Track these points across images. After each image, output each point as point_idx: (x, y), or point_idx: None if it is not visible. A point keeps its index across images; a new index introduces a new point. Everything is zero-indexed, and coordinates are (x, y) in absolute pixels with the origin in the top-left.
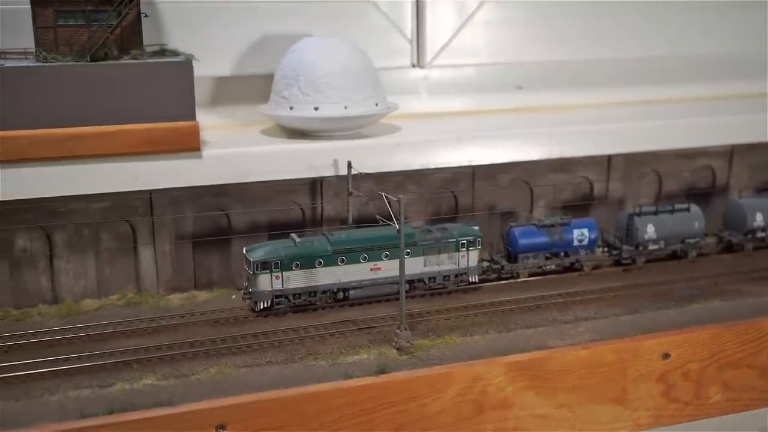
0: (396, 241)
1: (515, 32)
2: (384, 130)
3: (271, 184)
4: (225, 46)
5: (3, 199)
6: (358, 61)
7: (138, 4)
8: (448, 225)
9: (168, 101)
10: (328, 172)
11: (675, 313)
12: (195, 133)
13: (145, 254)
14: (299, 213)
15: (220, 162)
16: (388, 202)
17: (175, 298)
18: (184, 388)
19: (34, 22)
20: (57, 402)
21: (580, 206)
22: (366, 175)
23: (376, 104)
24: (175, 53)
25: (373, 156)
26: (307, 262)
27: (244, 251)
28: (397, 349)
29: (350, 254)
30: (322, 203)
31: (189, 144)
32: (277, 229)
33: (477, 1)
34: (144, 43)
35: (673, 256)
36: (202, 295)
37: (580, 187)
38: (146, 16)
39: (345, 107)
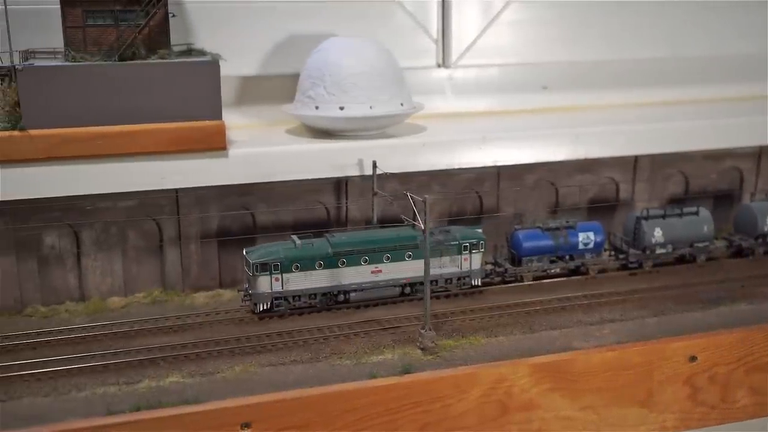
0: (397, 244)
1: (541, 32)
2: (409, 130)
3: (296, 183)
4: (251, 46)
5: (31, 197)
6: (384, 61)
7: (166, 4)
8: (451, 227)
9: (195, 101)
10: (353, 172)
11: (701, 315)
12: (221, 132)
13: (171, 253)
14: (324, 212)
15: (246, 161)
16: (414, 202)
17: (201, 297)
18: (209, 386)
19: (64, 21)
20: (84, 398)
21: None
22: (391, 175)
23: (402, 104)
24: (202, 53)
25: (398, 156)
26: (307, 263)
27: (244, 252)
28: (422, 349)
29: (351, 256)
30: (347, 203)
31: (215, 143)
32: (302, 229)
33: (503, 1)
34: (171, 43)
35: (682, 260)
36: (227, 294)
37: (605, 188)
38: (174, 15)
39: (370, 107)
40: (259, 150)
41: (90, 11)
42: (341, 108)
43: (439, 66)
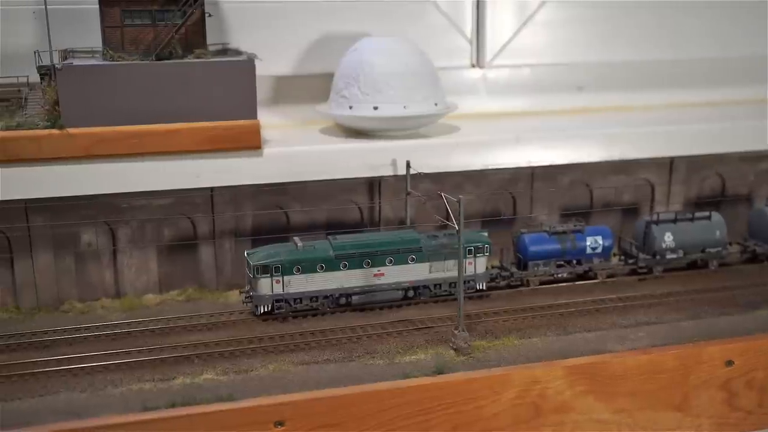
0: (400, 247)
1: (576, 32)
2: (443, 130)
3: (329, 182)
4: (285, 46)
5: (70, 195)
6: (418, 60)
7: (202, 4)
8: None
9: (230, 100)
10: (387, 172)
11: (739, 319)
12: (256, 131)
13: (206, 251)
14: (357, 212)
15: (280, 160)
16: (448, 203)
17: (234, 295)
18: (243, 384)
19: (102, 21)
20: (120, 394)
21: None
22: (424, 175)
23: (436, 104)
24: (238, 52)
25: (432, 156)
26: (309, 266)
27: (246, 254)
28: (455, 349)
29: (353, 259)
30: (380, 202)
31: (250, 142)
32: (335, 228)
33: (538, 1)
34: (207, 43)
35: (693, 266)
36: None
37: (640, 189)
38: (210, 15)
39: (404, 107)
40: (293, 149)
41: (128, 11)
42: (375, 108)
43: (473, 66)
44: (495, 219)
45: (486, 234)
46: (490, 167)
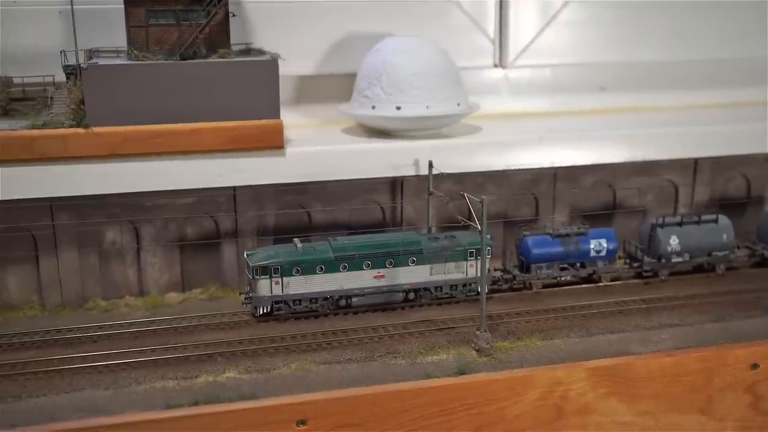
0: (400, 249)
1: (599, 32)
2: (465, 130)
3: (351, 182)
4: (308, 46)
5: (94, 193)
6: (441, 60)
7: (226, 4)
8: (457, 233)
9: (253, 99)
10: (409, 172)
11: (764, 322)
12: (279, 131)
13: (228, 249)
14: (379, 212)
15: (303, 160)
16: (470, 203)
17: None
18: (265, 383)
19: (127, 21)
20: (144, 392)
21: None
22: (447, 175)
23: (458, 104)
24: (261, 52)
25: (455, 156)
26: (308, 267)
27: (245, 255)
28: (477, 350)
29: (353, 261)
30: (402, 202)
31: (273, 142)
32: (357, 227)
33: (561, 1)
34: (231, 42)
35: (700, 269)
36: None
37: (664, 191)
38: (234, 15)
39: (427, 107)
40: (315, 149)
41: (153, 11)
42: (398, 108)
43: (495, 66)
44: (516, 220)
45: (489, 236)
46: (512, 167)
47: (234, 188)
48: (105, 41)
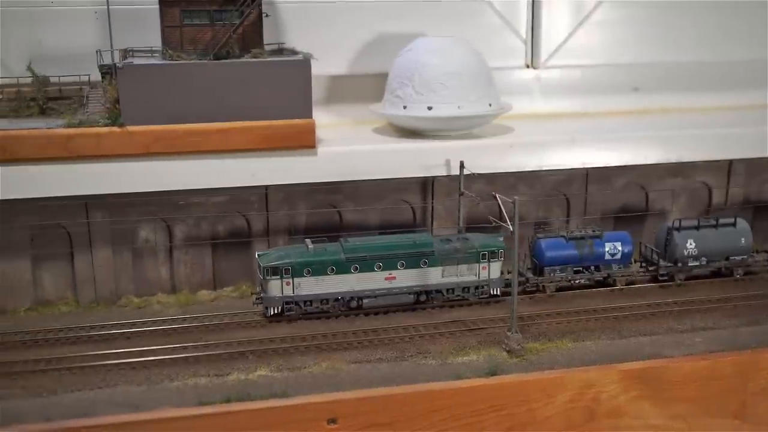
0: (412, 250)
1: (632, 33)
2: (497, 131)
3: (382, 182)
4: (340, 45)
5: (128, 192)
6: (473, 61)
7: (260, 4)
8: (469, 235)
9: (286, 99)
10: (440, 172)
11: None
12: (311, 130)
13: (260, 248)
14: (410, 212)
15: (335, 159)
16: (502, 204)
17: None
18: (296, 381)
19: (162, 21)
20: (176, 388)
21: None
22: (477, 176)
23: (490, 104)
24: (294, 52)
25: (486, 156)
26: (319, 268)
27: (257, 255)
28: (508, 351)
29: (364, 262)
30: (432, 203)
31: (305, 141)
32: (387, 227)
33: (594, 1)
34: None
35: (717, 274)
36: None
37: (697, 193)
38: (267, 15)
39: (458, 107)
40: (347, 149)
41: (187, 11)
42: (429, 108)
43: (527, 66)
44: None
45: (501, 239)
46: (544, 168)
47: (266, 187)
48: (139, 41)
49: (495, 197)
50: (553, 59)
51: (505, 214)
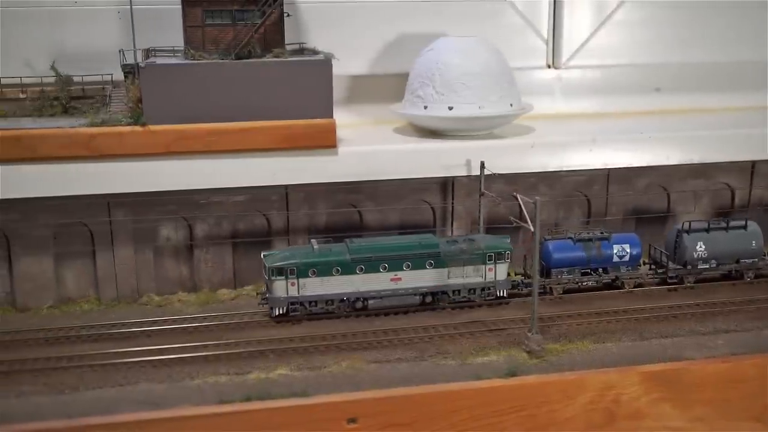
0: (417, 251)
1: (654, 33)
2: (517, 131)
3: (402, 182)
4: (361, 45)
5: (150, 190)
6: (494, 61)
7: (281, 4)
8: (476, 236)
9: (307, 99)
10: (461, 172)
11: None
12: (332, 130)
13: (280, 247)
14: (430, 212)
15: (355, 159)
16: (523, 204)
17: None
18: (316, 380)
19: (184, 21)
20: (197, 386)
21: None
22: (498, 176)
23: (511, 104)
24: (315, 52)
25: (507, 156)
26: (324, 269)
27: (262, 255)
28: (528, 352)
29: (369, 263)
30: (453, 203)
31: (326, 141)
32: (407, 227)
33: (616, 1)
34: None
35: (728, 277)
36: None
37: (720, 194)
38: (289, 15)
39: (479, 107)
40: (368, 149)
41: (209, 11)
42: (450, 108)
43: (548, 66)
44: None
45: (508, 240)
46: (565, 169)
47: (286, 187)
48: (162, 41)
49: (516, 197)
50: (574, 59)
51: (526, 214)
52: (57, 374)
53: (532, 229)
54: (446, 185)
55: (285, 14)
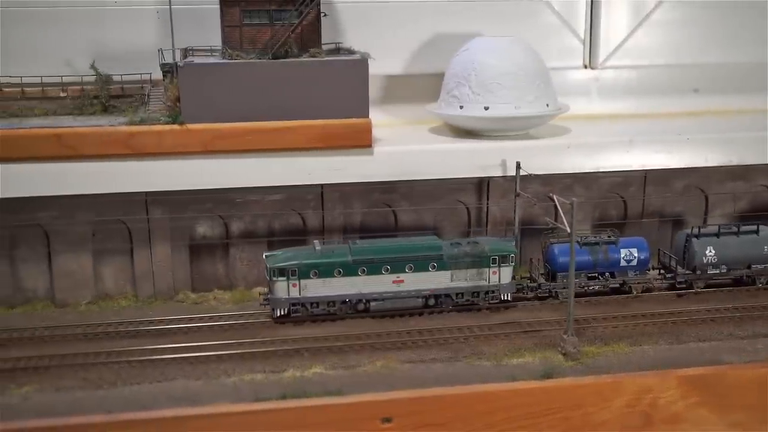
0: (420, 254)
1: (692, 33)
2: (553, 132)
3: (437, 182)
4: (397, 45)
5: (187, 188)
6: (530, 61)
7: (318, 4)
8: (480, 239)
9: (343, 98)
10: (496, 172)
11: None
12: (368, 130)
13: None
14: (465, 212)
15: (391, 159)
16: (559, 205)
17: None
18: (351, 379)
19: (222, 21)
20: (232, 384)
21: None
22: (534, 176)
23: (547, 105)
24: (351, 51)
25: (542, 157)
26: (326, 270)
27: (264, 256)
28: (563, 354)
29: (372, 265)
30: (488, 203)
31: (361, 141)
32: (442, 228)
33: (654, 1)
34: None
35: (739, 282)
36: None
37: (759, 197)
38: (326, 15)
39: (516, 107)
40: (403, 148)
41: (247, 11)
42: (486, 108)
43: (585, 67)
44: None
45: (513, 243)
46: (601, 170)
47: (322, 186)
48: (199, 40)
49: (552, 198)
50: (611, 59)
51: (562, 215)
52: (96, 369)
53: (568, 230)
54: (481, 185)
55: (322, 14)
